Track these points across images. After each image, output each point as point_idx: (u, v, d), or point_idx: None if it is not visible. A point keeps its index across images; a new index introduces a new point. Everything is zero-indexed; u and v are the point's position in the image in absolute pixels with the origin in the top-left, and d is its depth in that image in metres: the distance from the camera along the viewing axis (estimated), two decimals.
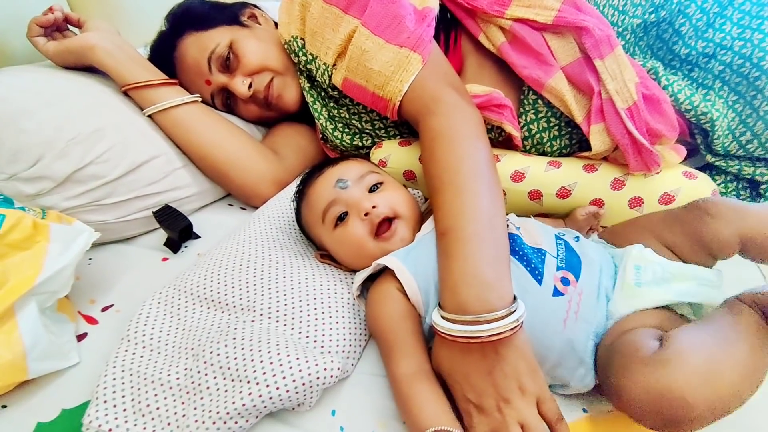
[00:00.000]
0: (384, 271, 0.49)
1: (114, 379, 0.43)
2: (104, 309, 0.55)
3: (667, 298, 0.42)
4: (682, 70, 0.68)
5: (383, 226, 0.51)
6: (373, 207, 0.50)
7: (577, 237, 0.51)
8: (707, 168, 0.73)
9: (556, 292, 0.44)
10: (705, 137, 0.67)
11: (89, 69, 0.67)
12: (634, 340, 0.38)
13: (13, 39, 0.69)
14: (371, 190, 0.53)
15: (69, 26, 0.70)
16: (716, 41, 0.65)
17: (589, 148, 0.64)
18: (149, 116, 0.68)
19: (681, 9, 0.66)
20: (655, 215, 0.52)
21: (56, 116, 0.58)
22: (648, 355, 0.35)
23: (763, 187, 0.66)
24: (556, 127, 0.67)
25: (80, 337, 0.51)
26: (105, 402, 0.41)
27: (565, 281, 0.45)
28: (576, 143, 0.69)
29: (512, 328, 0.38)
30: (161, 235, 0.65)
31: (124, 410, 0.41)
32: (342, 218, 0.52)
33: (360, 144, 0.74)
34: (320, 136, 0.77)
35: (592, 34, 0.60)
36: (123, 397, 0.42)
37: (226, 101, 0.77)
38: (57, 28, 0.68)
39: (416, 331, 0.45)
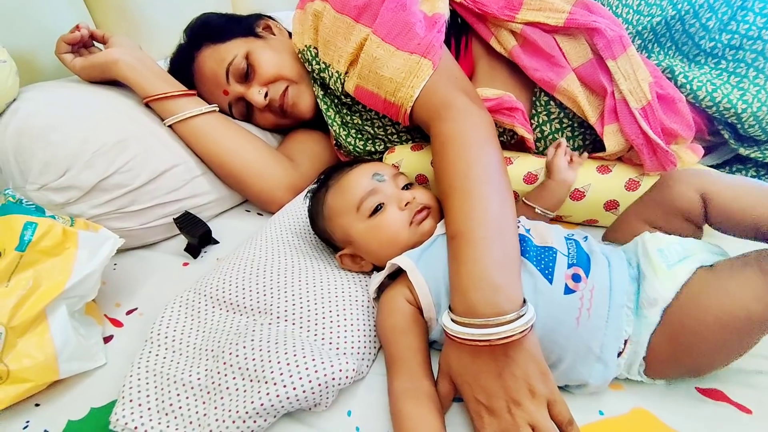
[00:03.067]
0: (398, 275, 0.50)
1: (139, 379, 0.45)
2: (129, 312, 0.57)
3: (694, 267, 0.44)
4: (708, 63, 0.67)
5: (420, 213, 0.53)
6: (413, 198, 0.53)
7: (586, 237, 0.51)
8: (726, 164, 0.71)
9: (568, 290, 0.44)
10: (734, 130, 0.66)
11: (113, 83, 0.70)
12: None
13: (43, 56, 0.73)
14: (403, 188, 0.56)
15: (94, 42, 0.74)
16: (741, 32, 0.64)
17: (603, 148, 0.64)
18: (169, 126, 0.70)
19: (709, 3, 0.65)
20: (633, 205, 0.56)
21: (82, 129, 0.61)
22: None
23: None
24: (569, 128, 0.67)
25: (107, 339, 0.53)
26: (131, 401, 0.43)
27: (576, 278, 0.45)
28: (590, 144, 0.69)
29: (522, 332, 0.38)
30: (182, 240, 0.67)
31: (149, 409, 0.43)
32: (378, 209, 0.53)
33: (373, 149, 0.75)
34: (334, 142, 0.79)
35: (603, 35, 0.60)
36: (147, 396, 0.44)
37: (243, 110, 0.79)
38: (83, 44, 0.72)
39: (419, 346, 0.46)
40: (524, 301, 0.41)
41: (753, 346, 0.41)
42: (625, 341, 0.44)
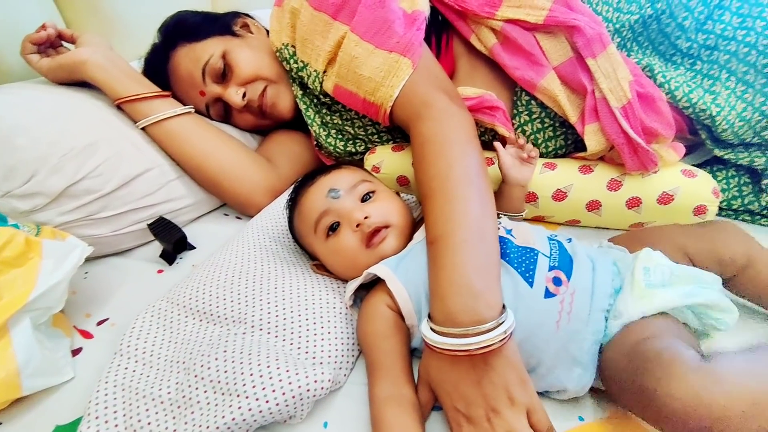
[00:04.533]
0: (376, 281, 0.49)
1: (106, 394, 0.43)
2: (99, 323, 0.55)
3: (674, 302, 0.42)
4: (683, 64, 0.67)
5: (375, 234, 0.51)
6: (366, 217, 0.50)
7: (570, 239, 0.51)
8: (707, 164, 0.71)
9: (548, 294, 0.43)
10: (710, 131, 0.66)
11: (83, 84, 0.68)
12: (669, 348, 0.37)
13: (9, 56, 0.70)
14: (363, 200, 0.53)
15: (63, 42, 0.71)
16: (717, 32, 0.64)
17: (584, 148, 0.63)
18: (143, 129, 0.68)
19: (683, 2, 0.65)
20: (677, 227, 0.54)
21: (50, 132, 0.59)
22: (696, 364, 0.35)
23: (765, 182, 0.64)
24: (551, 128, 0.66)
25: (75, 352, 0.51)
26: (97, 418, 0.41)
27: (557, 281, 0.44)
28: (571, 144, 0.68)
29: (501, 340, 0.37)
30: (157, 247, 0.65)
31: (116, 426, 0.41)
32: (334, 228, 0.51)
33: (353, 150, 0.74)
34: (315, 143, 0.77)
35: (583, 33, 0.60)
36: (115, 413, 0.42)
37: (221, 111, 0.77)
38: (51, 44, 0.69)
39: (401, 353, 0.45)
40: (504, 307, 0.40)
41: None
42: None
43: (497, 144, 0.62)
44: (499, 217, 0.55)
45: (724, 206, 0.68)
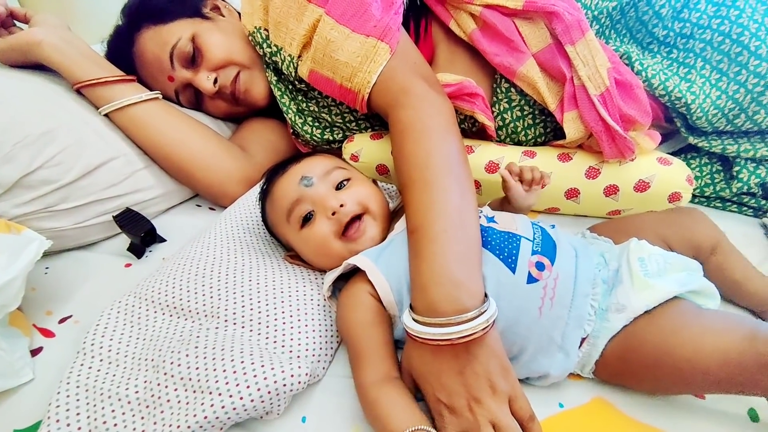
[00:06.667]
0: (356, 271, 0.48)
1: (68, 396, 0.41)
2: (62, 321, 0.52)
3: (673, 291, 0.43)
4: (660, 52, 0.68)
5: (351, 225, 0.49)
6: (341, 205, 0.48)
7: (553, 225, 0.51)
8: (681, 152, 0.72)
9: (531, 279, 0.43)
10: (685, 119, 0.67)
11: (38, 67, 0.63)
12: None
13: None
14: (338, 187, 0.51)
15: (15, 22, 0.66)
16: (692, 21, 0.64)
17: (563, 136, 0.63)
18: (105, 115, 0.64)
19: None
20: (653, 215, 0.57)
21: (1, 119, 0.54)
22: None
23: (736, 169, 0.66)
24: (530, 116, 0.66)
25: (35, 352, 0.48)
26: (57, 422, 0.39)
27: (540, 266, 0.44)
28: (551, 131, 0.68)
29: (483, 329, 0.36)
30: (125, 240, 0.62)
31: (79, 428, 0.39)
32: (308, 218, 0.49)
33: (331, 138, 0.72)
34: (291, 131, 0.75)
35: (562, 18, 0.59)
36: (78, 415, 0.39)
37: (192, 98, 0.74)
38: (2, 24, 0.64)
39: (385, 340, 0.44)
40: (486, 295, 0.39)
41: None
42: (582, 340, 0.43)
43: (505, 173, 0.55)
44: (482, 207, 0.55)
45: (697, 193, 0.70)
